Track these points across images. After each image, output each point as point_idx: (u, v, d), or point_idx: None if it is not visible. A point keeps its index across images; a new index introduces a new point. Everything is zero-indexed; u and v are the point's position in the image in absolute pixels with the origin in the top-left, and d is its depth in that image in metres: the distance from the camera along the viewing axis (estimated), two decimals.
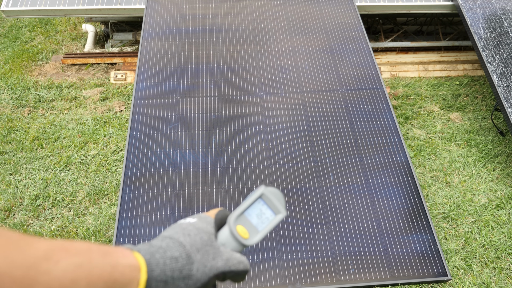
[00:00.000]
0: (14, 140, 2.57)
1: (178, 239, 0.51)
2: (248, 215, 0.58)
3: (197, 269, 0.49)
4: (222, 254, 0.53)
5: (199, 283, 0.50)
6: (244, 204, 0.59)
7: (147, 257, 0.46)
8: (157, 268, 0.46)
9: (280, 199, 0.60)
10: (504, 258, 1.95)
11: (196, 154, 2.06)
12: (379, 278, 1.70)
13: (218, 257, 0.53)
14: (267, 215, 0.59)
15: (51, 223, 2.11)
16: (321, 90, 2.32)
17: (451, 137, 2.58)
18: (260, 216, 0.59)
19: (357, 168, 2.01)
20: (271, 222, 0.59)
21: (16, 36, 3.75)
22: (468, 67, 3.14)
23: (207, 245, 0.52)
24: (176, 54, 2.50)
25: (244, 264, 0.55)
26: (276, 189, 0.61)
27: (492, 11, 2.80)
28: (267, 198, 0.59)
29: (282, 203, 0.60)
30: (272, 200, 0.59)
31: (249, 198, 0.59)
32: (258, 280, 1.69)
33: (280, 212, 0.59)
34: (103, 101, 2.85)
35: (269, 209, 0.59)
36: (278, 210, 0.59)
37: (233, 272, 0.53)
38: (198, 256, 0.50)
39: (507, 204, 2.18)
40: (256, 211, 0.59)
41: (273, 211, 0.59)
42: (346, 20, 2.70)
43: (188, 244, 0.50)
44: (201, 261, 0.50)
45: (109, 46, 3.41)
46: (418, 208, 1.90)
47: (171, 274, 0.47)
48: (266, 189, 0.60)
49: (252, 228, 0.57)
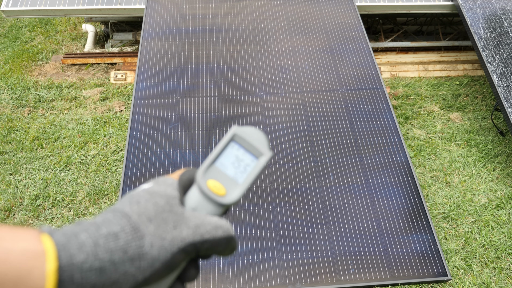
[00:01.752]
0: (14, 140, 2.57)
1: (123, 210, 0.38)
2: (221, 166, 0.45)
3: (151, 245, 0.37)
4: (188, 220, 0.40)
5: (158, 263, 0.37)
6: (213, 152, 0.45)
7: (62, 240, 0.34)
8: (81, 252, 0.33)
9: (260, 138, 0.46)
10: (504, 258, 1.95)
11: (196, 154, 2.06)
12: (379, 278, 1.70)
13: (182, 224, 0.39)
14: (247, 161, 0.45)
15: (51, 223, 2.11)
16: (321, 90, 2.32)
17: (451, 137, 2.58)
18: (238, 164, 0.45)
19: (357, 168, 2.01)
20: (254, 169, 0.45)
21: (16, 36, 3.75)
22: (468, 67, 3.14)
23: (164, 211, 0.39)
24: (176, 54, 2.50)
25: (224, 229, 0.41)
26: (253, 127, 0.47)
27: (492, 11, 2.80)
28: (242, 140, 0.46)
29: (264, 142, 0.46)
30: (250, 141, 0.46)
31: (220, 143, 0.46)
32: (258, 280, 1.69)
33: (262, 154, 0.46)
34: (103, 101, 2.86)
35: (247, 153, 0.46)
36: (260, 152, 0.46)
37: (209, 242, 0.40)
38: (151, 227, 0.37)
39: (507, 204, 2.18)
40: (231, 158, 0.45)
41: (253, 155, 0.46)
42: (346, 20, 2.70)
43: (136, 213, 0.38)
44: (156, 233, 0.37)
45: (109, 46, 3.41)
46: (418, 208, 1.90)
47: (109, 257, 0.34)
48: (239, 129, 0.46)
49: (229, 181, 0.44)
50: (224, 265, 1.73)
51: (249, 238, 1.80)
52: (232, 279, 1.69)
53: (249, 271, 1.71)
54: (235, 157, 0.46)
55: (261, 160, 0.45)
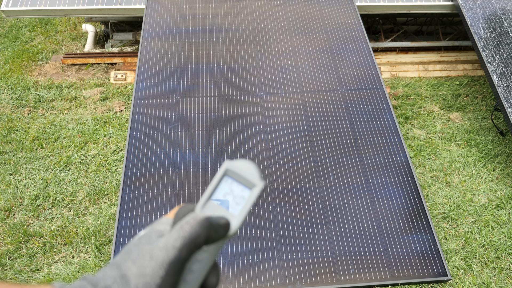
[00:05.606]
0: (14, 140, 2.57)
1: (116, 261, 0.41)
2: (217, 200, 0.47)
3: (136, 286, 0.38)
4: (159, 242, 0.41)
5: None
6: (209, 188, 0.47)
7: None
8: None
9: (251, 170, 0.48)
10: (504, 258, 1.95)
11: (196, 154, 2.06)
12: (379, 278, 1.70)
13: (155, 249, 0.40)
14: (241, 194, 0.48)
15: (51, 223, 2.11)
16: (321, 90, 2.32)
17: (451, 137, 2.58)
18: (232, 197, 0.48)
19: (357, 168, 2.01)
20: (248, 200, 0.47)
21: (16, 36, 3.75)
22: (468, 67, 3.14)
23: (143, 248, 0.41)
24: (176, 54, 2.50)
25: (191, 223, 0.42)
26: (244, 160, 0.49)
27: (492, 11, 2.80)
28: (234, 174, 0.48)
29: (255, 174, 0.48)
30: (241, 174, 0.48)
31: (213, 180, 0.48)
32: (258, 280, 1.69)
33: (255, 185, 0.48)
34: (103, 101, 2.85)
35: (240, 186, 0.48)
36: (252, 184, 0.48)
37: (188, 244, 0.41)
38: (134, 268, 0.39)
39: (507, 204, 2.18)
40: (226, 192, 0.48)
41: (246, 186, 0.48)
42: (346, 20, 2.70)
43: (124, 260, 0.40)
44: (139, 272, 0.39)
45: (109, 46, 3.41)
46: (418, 208, 1.90)
47: None
48: (230, 163, 0.48)
49: (226, 214, 0.46)
50: (224, 265, 1.73)
51: (249, 238, 1.80)
52: (232, 279, 1.69)
53: (249, 271, 1.71)
54: (229, 190, 0.48)
55: (254, 191, 0.48)
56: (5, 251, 1.99)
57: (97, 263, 1.92)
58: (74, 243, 2.01)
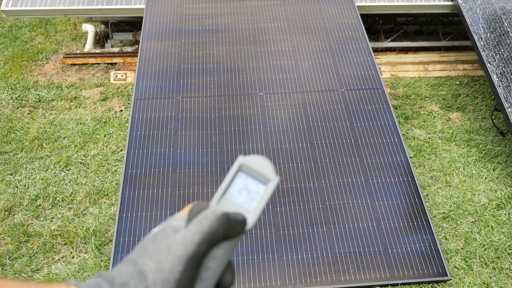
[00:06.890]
0: (14, 140, 2.57)
1: (132, 258, 0.40)
2: (231, 196, 0.47)
3: (155, 282, 0.38)
4: (176, 237, 0.40)
5: None
6: (223, 184, 0.47)
7: None
8: None
9: (265, 165, 0.48)
10: (504, 258, 1.95)
11: (196, 154, 2.06)
12: (379, 278, 1.70)
13: (173, 244, 0.40)
14: (256, 189, 0.47)
15: (51, 223, 2.11)
16: (321, 90, 2.32)
17: (451, 137, 2.58)
18: (247, 193, 0.47)
19: (357, 168, 2.01)
20: (263, 195, 0.47)
21: (16, 36, 3.75)
22: (468, 67, 3.14)
23: (160, 243, 0.40)
24: (176, 54, 2.50)
25: (210, 217, 0.42)
26: (258, 155, 0.49)
27: (492, 11, 2.80)
28: (248, 169, 0.48)
29: (270, 169, 0.48)
30: (256, 169, 0.47)
31: (228, 175, 0.47)
32: (258, 280, 1.69)
33: (270, 181, 0.47)
34: (103, 101, 2.85)
35: (255, 181, 0.48)
36: (267, 179, 0.47)
37: (207, 239, 0.40)
38: (151, 264, 0.39)
39: (507, 204, 2.18)
40: (241, 188, 0.47)
41: (262, 182, 0.48)
42: (346, 20, 2.70)
43: (140, 256, 0.40)
44: (156, 268, 0.38)
45: (109, 46, 3.41)
46: (418, 208, 1.90)
47: None
48: (245, 159, 0.48)
49: (241, 209, 0.46)
50: None
51: (249, 238, 1.80)
52: None
53: (249, 271, 1.71)
54: (244, 185, 0.47)
55: (269, 186, 0.47)
56: (5, 251, 1.99)
57: (97, 263, 1.92)
58: (74, 243, 2.01)
